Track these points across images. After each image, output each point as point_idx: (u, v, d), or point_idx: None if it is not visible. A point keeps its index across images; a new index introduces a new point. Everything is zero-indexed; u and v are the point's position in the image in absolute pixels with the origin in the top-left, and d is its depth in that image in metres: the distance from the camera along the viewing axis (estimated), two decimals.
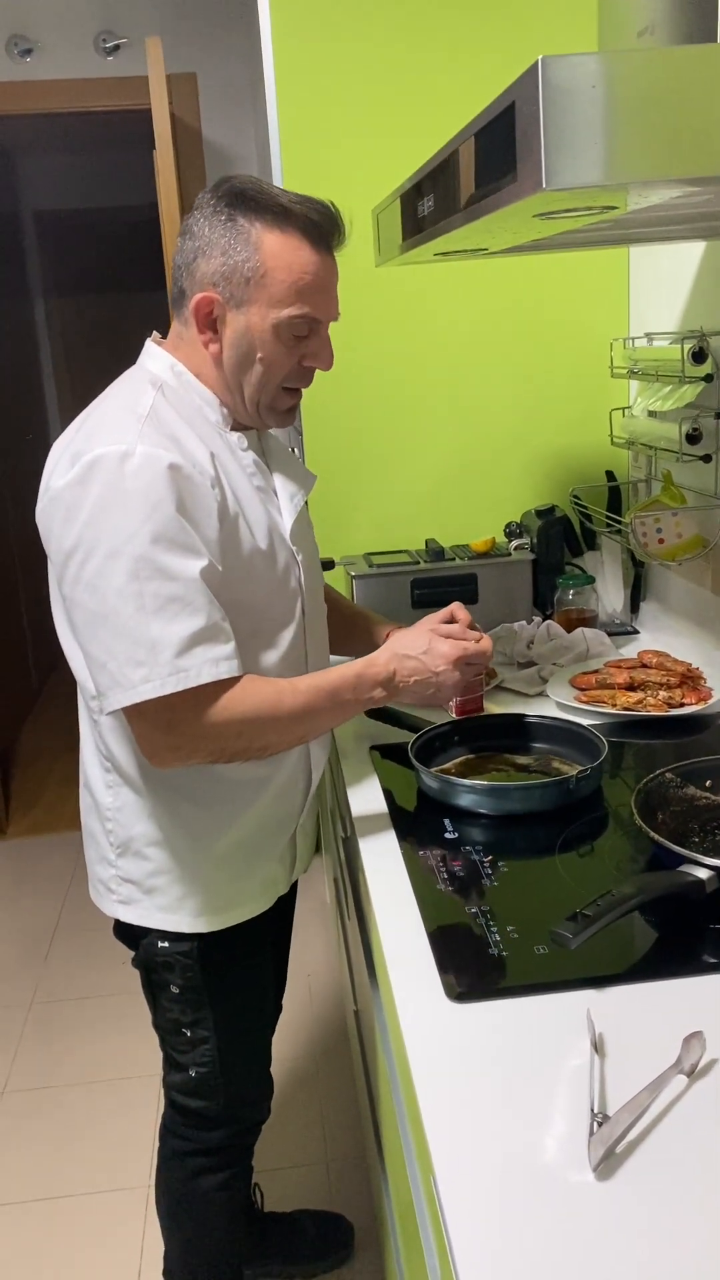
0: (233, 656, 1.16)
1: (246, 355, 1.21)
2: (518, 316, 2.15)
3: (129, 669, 1.13)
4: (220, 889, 1.34)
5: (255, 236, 1.17)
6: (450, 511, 2.22)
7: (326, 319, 1.24)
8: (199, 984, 1.36)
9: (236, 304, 1.19)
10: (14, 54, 3.34)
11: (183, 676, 1.13)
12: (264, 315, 1.19)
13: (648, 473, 2.08)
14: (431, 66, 2.00)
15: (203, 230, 1.19)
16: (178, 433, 1.18)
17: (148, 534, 1.11)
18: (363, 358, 2.14)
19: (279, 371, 1.23)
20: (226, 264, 1.18)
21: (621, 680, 1.68)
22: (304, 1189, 1.98)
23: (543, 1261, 0.71)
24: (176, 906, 1.33)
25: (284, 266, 1.17)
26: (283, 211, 1.17)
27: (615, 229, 1.22)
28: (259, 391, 1.24)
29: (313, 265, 1.19)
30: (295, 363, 1.24)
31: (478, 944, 1.08)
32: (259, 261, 1.17)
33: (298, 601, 1.33)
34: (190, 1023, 1.39)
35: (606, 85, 0.70)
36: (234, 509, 1.21)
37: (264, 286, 1.18)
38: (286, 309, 1.19)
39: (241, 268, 1.17)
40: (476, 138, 0.88)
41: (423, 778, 1.42)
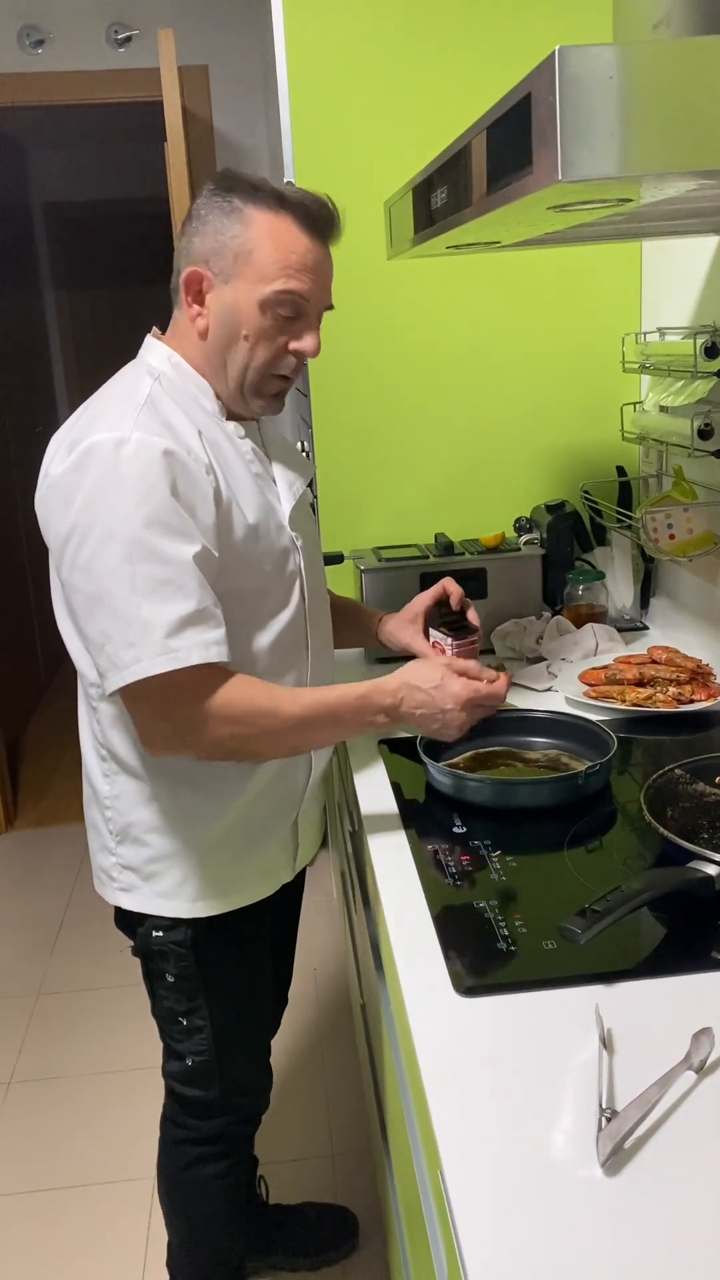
0: (223, 642, 1.17)
1: (232, 331, 1.22)
2: (529, 311, 2.14)
3: (122, 650, 1.14)
4: (219, 874, 1.34)
5: (248, 214, 1.19)
6: (460, 506, 2.21)
7: (315, 303, 1.24)
8: (193, 973, 1.37)
9: (225, 278, 1.21)
10: (25, 45, 3.34)
11: (172, 657, 1.13)
12: (250, 290, 1.20)
13: (659, 468, 2.08)
14: (444, 58, 1.99)
15: (199, 212, 1.23)
16: (173, 420, 1.20)
17: (141, 518, 1.12)
18: (373, 351, 2.13)
19: (264, 351, 1.23)
20: (218, 240, 1.20)
21: (631, 676, 1.68)
22: (309, 1182, 1.98)
23: (550, 1255, 0.71)
24: (175, 892, 1.34)
25: (273, 244, 1.19)
26: (277, 196, 1.20)
27: (628, 222, 1.21)
28: (243, 371, 1.24)
29: (302, 245, 1.20)
30: (281, 346, 1.24)
31: (486, 939, 1.08)
32: (249, 237, 1.19)
33: (297, 585, 1.33)
34: (186, 1011, 1.40)
35: (624, 76, 0.69)
36: (229, 494, 1.22)
37: (251, 262, 1.19)
38: (272, 284, 1.20)
39: (231, 243, 1.20)
40: (491, 129, 0.88)
41: (431, 772, 1.42)
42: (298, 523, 1.34)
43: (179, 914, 1.35)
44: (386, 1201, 1.60)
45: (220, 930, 1.36)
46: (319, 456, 2.16)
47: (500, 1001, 0.98)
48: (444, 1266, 0.91)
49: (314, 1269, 1.80)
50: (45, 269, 5.45)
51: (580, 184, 0.73)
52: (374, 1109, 1.76)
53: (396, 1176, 1.39)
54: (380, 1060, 1.52)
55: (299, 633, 1.34)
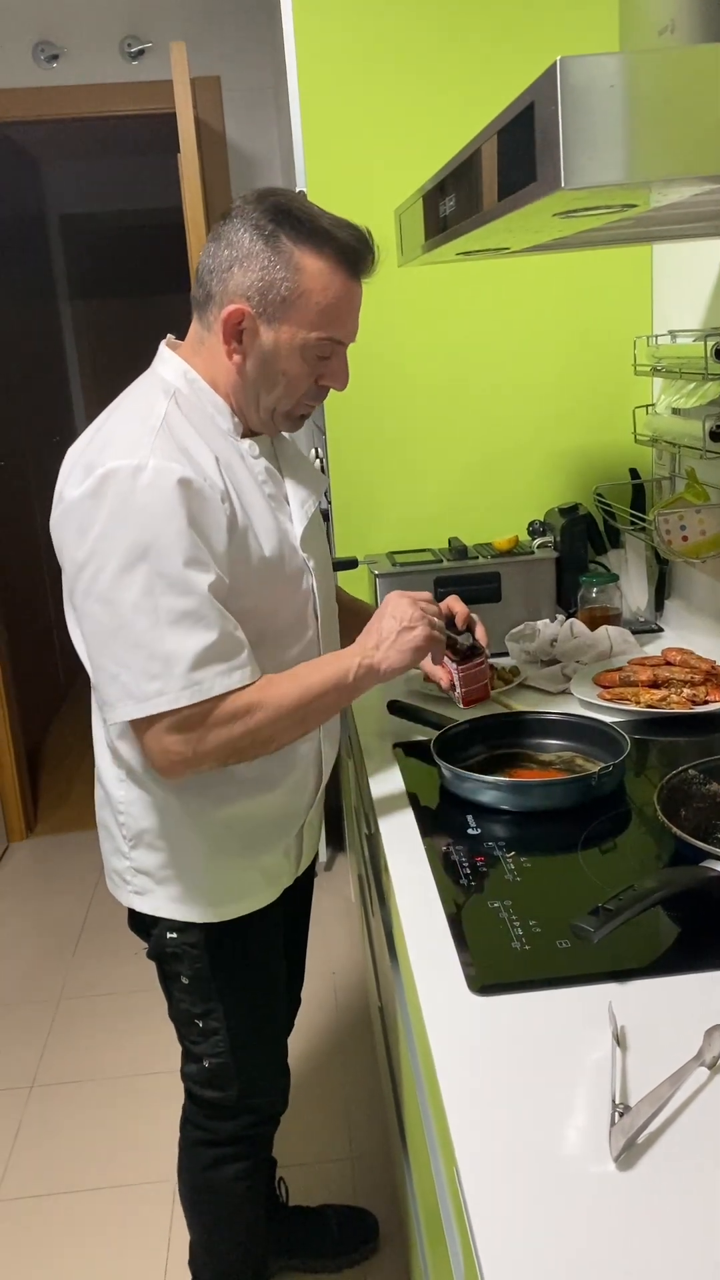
0: (245, 664, 1.19)
1: (270, 370, 1.23)
2: (540, 315, 2.15)
3: (144, 682, 1.15)
4: (227, 880, 1.36)
5: (297, 258, 1.19)
6: (473, 510, 2.22)
7: (348, 342, 1.27)
8: (207, 975, 1.39)
9: (268, 320, 1.21)
10: (40, 60, 3.38)
11: (196, 690, 1.16)
12: (293, 335, 1.21)
13: (671, 470, 2.08)
14: (454, 67, 2.01)
15: (242, 241, 1.19)
16: (189, 444, 1.19)
17: (161, 549, 1.13)
18: (386, 357, 2.15)
19: (298, 389, 1.25)
20: (264, 280, 1.19)
21: (645, 678, 1.68)
22: (329, 1184, 1.99)
23: (564, 1250, 0.72)
24: (186, 897, 1.36)
25: (319, 290, 1.20)
26: (324, 235, 1.19)
27: (637, 227, 1.22)
28: (276, 404, 1.26)
29: (344, 291, 1.21)
30: (313, 382, 1.26)
31: (500, 938, 1.08)
32: (296, 282, 1.19)
33: (309, 606, 1.34)
34: (202, 1013, 1.41)
35: (625, 85, 0.70)
36: (244, 521, 1.22)
37: (297, 308, 1.20)
38: (315, 331, 1.21)
39: (278, 285, 1.19)
40: (497, 138, 0.89)
41: (445, 774, 1.43)
42: (309, 543, 1.34)
43: (190, 918, 1.36)
44: (405, 1203, 1.61)
45: (232, 932, 1.38)
46: (333, 462, 2.18)
47: (514, 1000, 0.99)
48: (460, 1263, 0.92)
49: (335, 1270, 1.80)
50: (61, 281, 5.49)
51: (584, 191, 0.74)
52: (392, 1111, 1.77)
53: (415, 1177, 1.40)
54: (398, 1061, 1.53)
55: (314, 651, 1.36)
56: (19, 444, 4.32)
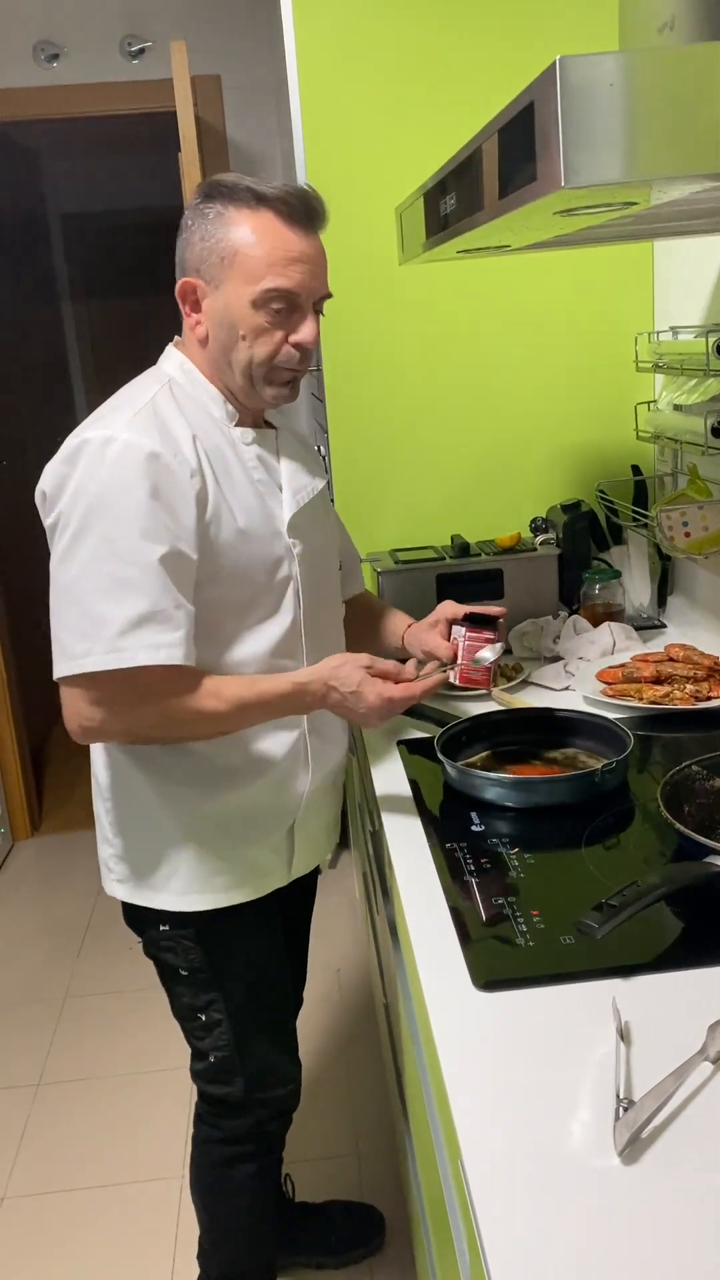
0: (177, 645, 1.19)
1: (229, 333, 1.25)
2: (542, 312, 2.15)
3: (76, 640, 1.19)
4: (207, 870, 1.36)
5: (228, 217, 1.22)
6: (476, 507, 2.22)
7: (309, 293, 1.26)
8: (204, 965, 1.39)
9: (215, 284, 1.24)
10: (41, 60, 3.38)
11: (118, 655, 1.17)
12: (239, 292, 1.23)
13: (674, 467, 2.08)
14: (454, 64, 2.01)
15: (185, 223, 1.26)
16: (171, 423, 1.23)
17: (116, 516, 1.17)
18: (388, 355, 2.15)
19: (263, 347, 1.25)
20: (204, 247, 1.23)
21: (648, 674, 1.69)
22: (335, 1180, 1.99)
23: (569, 1244, 0.73)
24: (166, 886, 1.36)
25: (256, 242, 1.21)
26: (254, 194, 1.22)
27: (638, 224, 1.22)
28: (248, 367, 1.27)
29: (285, 239, 1.22)
30: (280, 340, 1.26)
31: (505, 934, 1.09)
32: (232, 239, 1.22)
33: (291, 592, 1.34)
34: (203, 1005, 1.41)
35: (624, 83, 0.70)
36: (216, 497, 1.24)
37: (237, 263, 1.22)
38: (261, 282, 1.22)
39: (216, 248, 1.23)
40: (497, 136, 0.89)
41: (449, 771, 1.43)
42: (301, 530, 1.34)
43: (169, 906, 1.36)
44: (411, 1198, 1.61)
45: (225, 922, 1.38)
46: (335, 460, 2.18)
47: (519, 996, 0.99)
48: (466, 1257, 0.93)
49: (340, 1267, 1.81)
50: (63, 280, 5.50)
51: (584, 189, 0.74)
52: (398, 1107, 1.78)
53: (420, 1172, 1.40)
54: (403, 1057, 1.53)
55: (293, 643, 1.35)
56: (21, 443, 4.33)
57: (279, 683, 1.27)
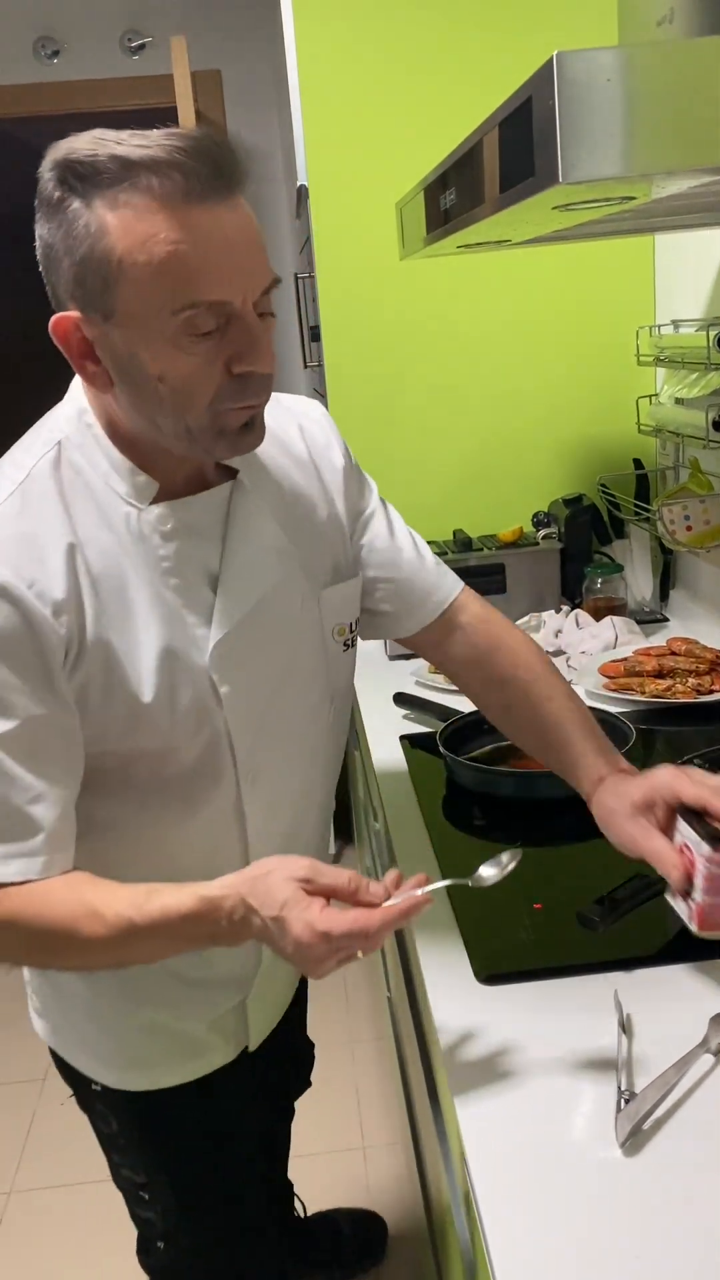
0: (32, 854, 0.87)
1: (142, 383, 0.85)
2: (543, 306, 2.15)
3: None
4: (126, 1042, 1.08)
5: (93, 219, 0.81)
6: (477, 502, 2.22)
7: (243, 293, 0.84)
8: (137, 1139, 1.11)
9: (103, 315, 0.84)
10: (41, 56, 3.38)
11: None
12: (138, 322, 0.83)
13: (675, 460, 2.08)
14: (454, 59, 2.01)
15: (41, 233, 0.86)
16: (40, 528, 0.88)
17: None
18: (388, 350, 2.15)
19: (201, 391, 0.85)
20: (73, 267, 0.83)
21: (650, 668, 1.69)
22: (340, 1174, 2.00)
23: (571, 1234, 0.73)
24: (78, 1047, 1.10)
25: (139, 245, 0.80)
26: (121, 168, 0.80)
27: (638, 218, 1.22)
28: (181, 424, 0.87)
29: (180, 229, 0.80)
30: (220, 372, 0.85)
31: (506, 928, 1.09)
32: (105, 249, 0.81)
33: (220, 752, 0.98)
34: (144, 1184, 1.14)
35: (622, 79, 0.70)
36: (96, 636, 0.89)
37: (125, 284, 0.82)
38: (167, 305, 0.82)
39: (90, 263, 0.82)
40: (496, 132, 0.89)
41: (452, 766, 1.44)
42: (235, 658, 0.96)
43: (84, 1069, 1.11)
44: (416, 1193, 1.62)
45: (165, 1095, 1.09)
46: None
47: (521, 989, 0.99)
48: (469, 1249, 0.93)
49: (349, 1277, 1.78)
50: None
51: (582, 185, 0.74)
52: (402, 1100, 1.78)
53: (425, 1165, 1.41)
54: (407, 1051, 1.53)
55: (224, 820, 1.01)
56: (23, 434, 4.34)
57: (182, 896, 0.86)
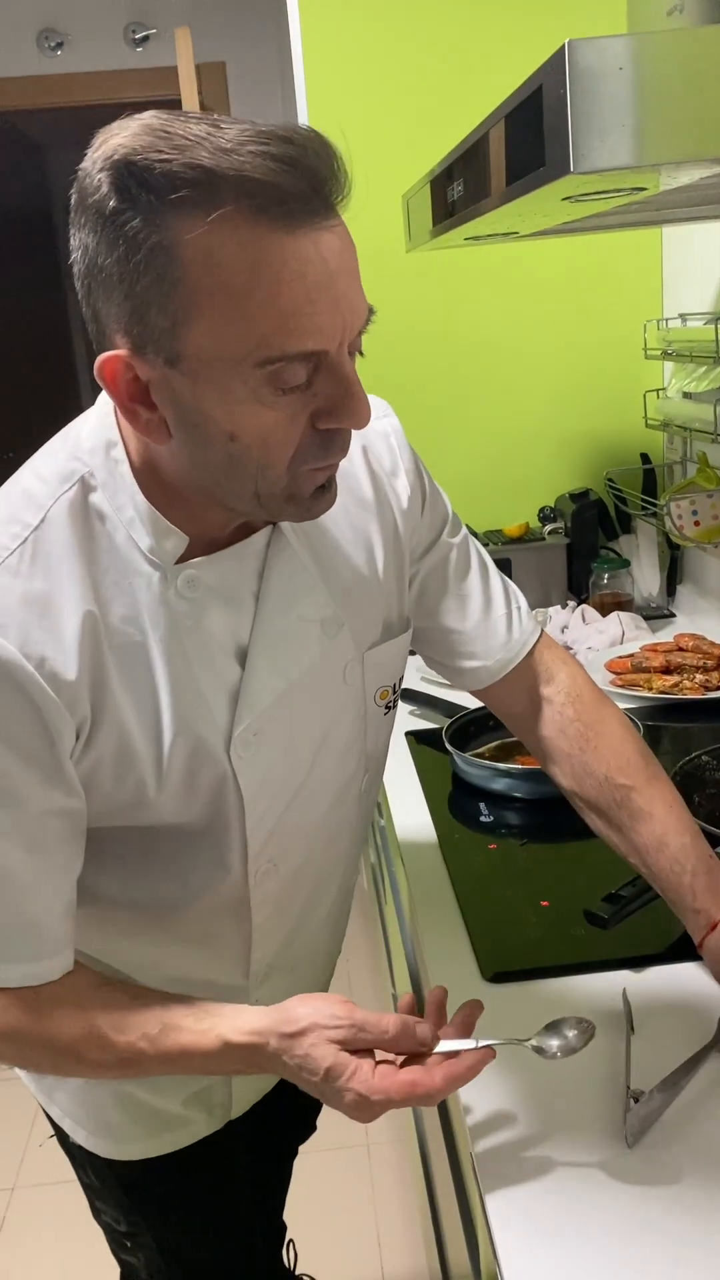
0: (31, 960, 0.78)
1: (209, 439, 0.71)
2: (550, 299, 2.14)
3: None
4: (99, 1111, 0.99)
5: (164, 238, 0.66)
6: (483, 497, 2.21)
7: (339, 338, 0.70)
8: (116, 1197, 1.04)
9: (167, 359, 0.69)
10: (45, 48, 3.37)
11: None
12: (211, 372, 0.69)
13: (683, 455, 2.07)
14: (462, 50, 2.00)
15: (86, 236, 0.69)
16: (53, 588, 0.74)
17: None
18: (394, 344, 2.14)
19: (280, 452, 0.72)
20: (131, 298, 0.68)
21: (657, 664, 1.68)
22: (344, 1170, 2.00)
23: (578, 1233, 0.73)
24: (49, 1099, 1.03)
25: (221, 281, 0.66)
26: (203, 180, 0.64)
27: (647, 210, 1.21)
28: (253, 489, 0.74)
29: (273, 263, 0.66)
30: (304, 428, 0.72)
31: (514, 925, 1.09)
32: (176, 281, 0.66)
33: (229, 846, 0.86)
34: (127, 1233, 1.07)
35: (634, 67, 0.69)
36: (111, 717, 0.77)
37: (197, 323, 0.67)
38: (253, 353, 0.68)
39: (153, 298, 0.67)
40: (504, 122, 0.89)
41: (457, 762, 1.43)
42: (266, 748, 0.84)
43: (56, 1119, 1.03)
44: (421, 1192, 1.62)
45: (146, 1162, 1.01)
46: None
47: (528, 987, 0.99)
48: (476, 1246, 0.93)
49: None
50: (66, 270, 5.47)
51: (593, 175, 0.73)
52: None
53: (431, 1163, 1.41)
54: None
55: (235, 925, 0.91)
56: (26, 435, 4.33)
57: (204, 1038, 0.77)
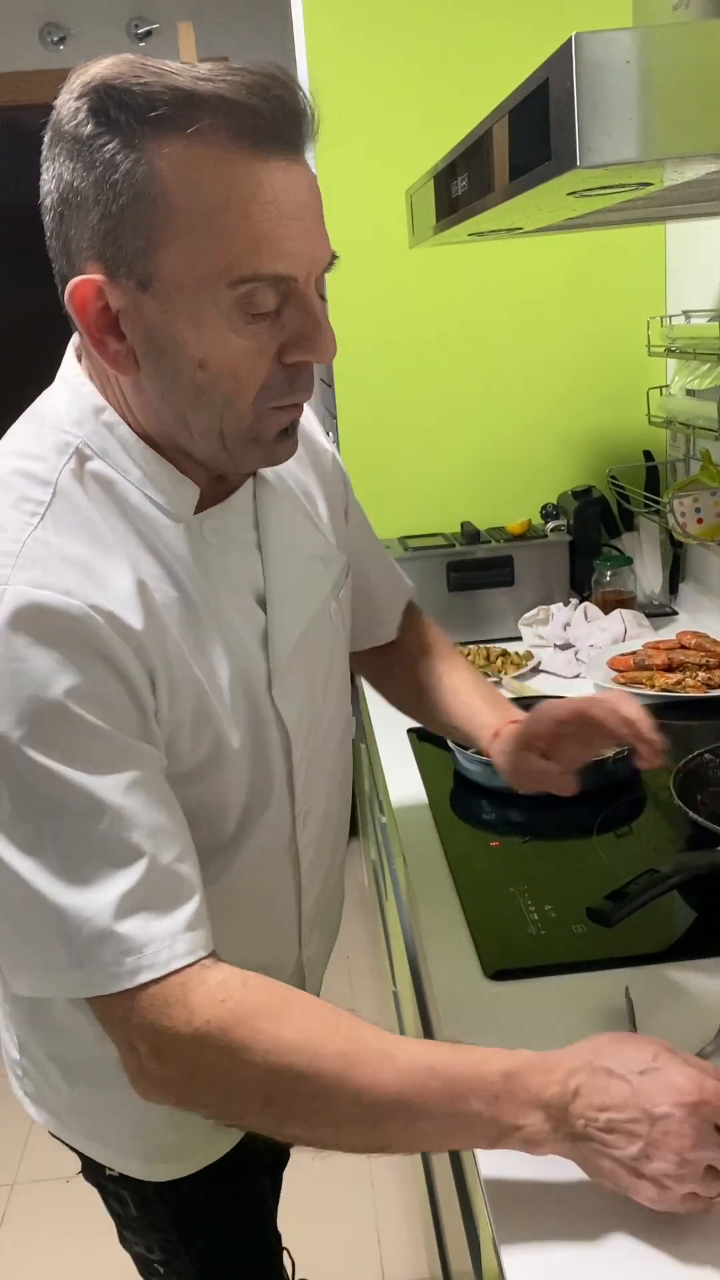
0: (191, 929, 0.71)
1: (178, 368, 0.71)
2: (553, 295, 2.14)
3: (32, 954, 0.73)
4: (152, 1131, 0.93)
5: (141, 159, 0.67)
6: (486, 494, 2.21)
7: (308, 268, 0.72)
8: (161, 1224, 0.99)
9: (138, 281, 0.69)
10: (48, 43, 3.36)
11: (109, 978, 0.70)
12: (184, 294, 0.69)
13: (686, 452, 2.07)
14: (464, 44, 1.99)
15: (60, 165, 0.71)
16: (89, 554, 0.72)
17: (35, 739, 0.68)
18: (397, 340, 2.13)
19: (248, 382, 0.72)
20: (106, 216, 0.68)
21: (660, 661, 1.68)
22: (342, 1168, 2.00)
23: (581, 1236, 0.72)
24: (87, 1139, 0.96)
25: (198, 200, 0.67)
26: (181, 103, 0.66)
27: (650, 206, 1.20)
28: (218, 424, 0.74)
29: (250, 184, 0.68)
30: (270, 361, 0.73)
31: (516, 923, 1.08)
32: (153, 201, 0.67)
33: (279, 789, 0.87)
34: (161, 1261, 1.03)
35: (641, 60, 0.69)
36: (181, 672, 0.76)
37: (172, 243, 0.68)
38: (226, 273, 0.68)
39: (129, 220, 0.67)
40: (509, 116, 0.88)
41: (460, 759, 1.43)
42: (296, 686, 0.86)
43: (96, 1157, 0.97)
44: (421, 1194, 1.62)
45: (188, 1182, 0.96)
46: (344, 446, 2.17)
47: (530, 985, 0.99)
48: (479, 1247, 0.93)
49: None
50: None
51: (599, 169, 0.73)
52: None
53: (433, 1162, 1.40)
54: None
55: (279, 856, 0.91)
56: None
57: (478, 1057, 0.71)
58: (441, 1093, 0.69)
